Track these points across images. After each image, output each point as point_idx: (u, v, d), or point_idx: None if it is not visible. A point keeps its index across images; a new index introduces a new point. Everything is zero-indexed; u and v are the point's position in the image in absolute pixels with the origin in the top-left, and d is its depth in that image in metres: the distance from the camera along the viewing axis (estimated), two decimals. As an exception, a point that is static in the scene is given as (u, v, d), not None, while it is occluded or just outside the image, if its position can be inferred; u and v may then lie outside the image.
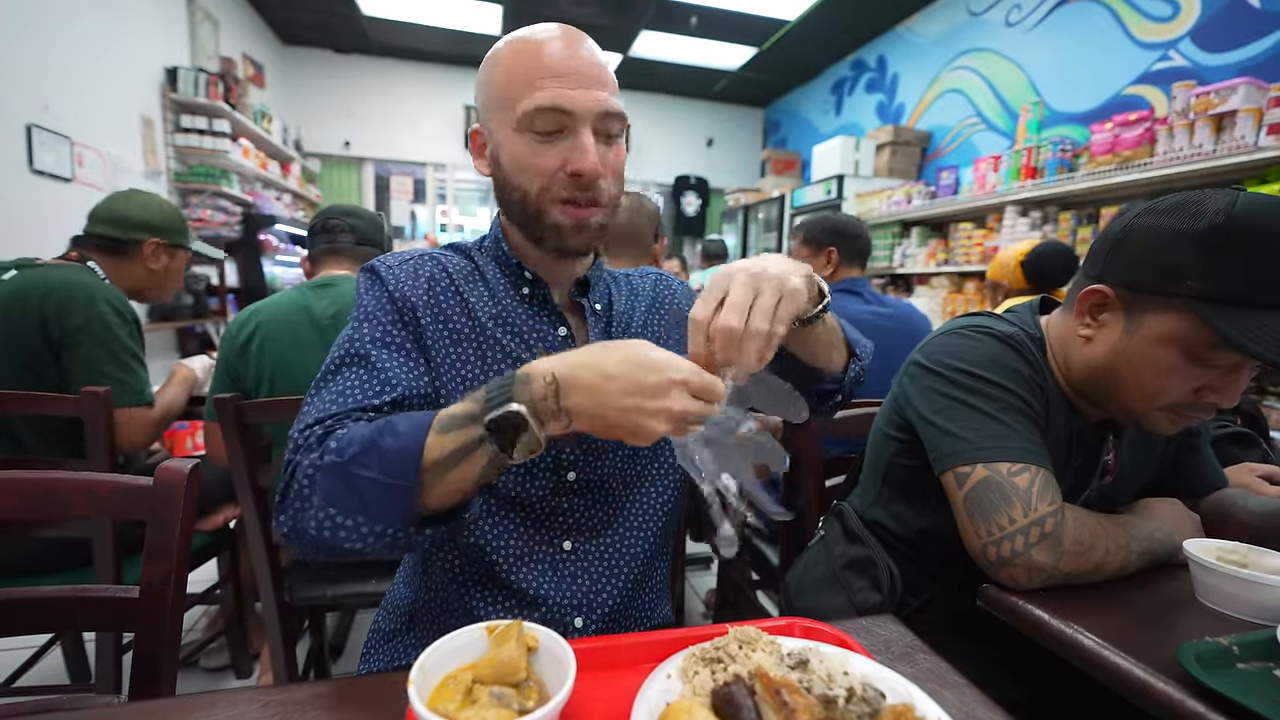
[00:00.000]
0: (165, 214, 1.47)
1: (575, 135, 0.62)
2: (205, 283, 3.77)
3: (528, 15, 4.87)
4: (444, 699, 0.41)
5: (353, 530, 0.52)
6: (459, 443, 0.51)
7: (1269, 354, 0.60)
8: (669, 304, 0.82)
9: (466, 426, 0.51)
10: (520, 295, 0.71)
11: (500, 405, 0.49)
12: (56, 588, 0.66)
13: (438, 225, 6.59)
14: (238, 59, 4.70)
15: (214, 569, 1.71)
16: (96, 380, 1.25)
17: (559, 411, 0.50)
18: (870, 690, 0.42)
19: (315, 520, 0.53)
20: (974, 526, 0.72)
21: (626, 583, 0.73)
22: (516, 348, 0.69)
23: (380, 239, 1.50)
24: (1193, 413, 0.73)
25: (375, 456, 0.52)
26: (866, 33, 5.03)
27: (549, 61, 0.62)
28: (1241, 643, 0.55)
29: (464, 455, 0.51)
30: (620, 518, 0.73)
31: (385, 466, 0.51)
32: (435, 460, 0.51)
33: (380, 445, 0.52)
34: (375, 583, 1.31)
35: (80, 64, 2.98)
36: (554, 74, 0.61)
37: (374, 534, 0.52)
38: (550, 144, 0.63)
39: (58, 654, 1.49)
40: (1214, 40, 2.72)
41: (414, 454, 0.51)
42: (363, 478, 0.51)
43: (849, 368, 0.76)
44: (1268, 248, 0.63)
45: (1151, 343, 0.70)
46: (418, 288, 0.68)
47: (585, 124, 0.62)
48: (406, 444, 0.51)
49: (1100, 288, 0.75)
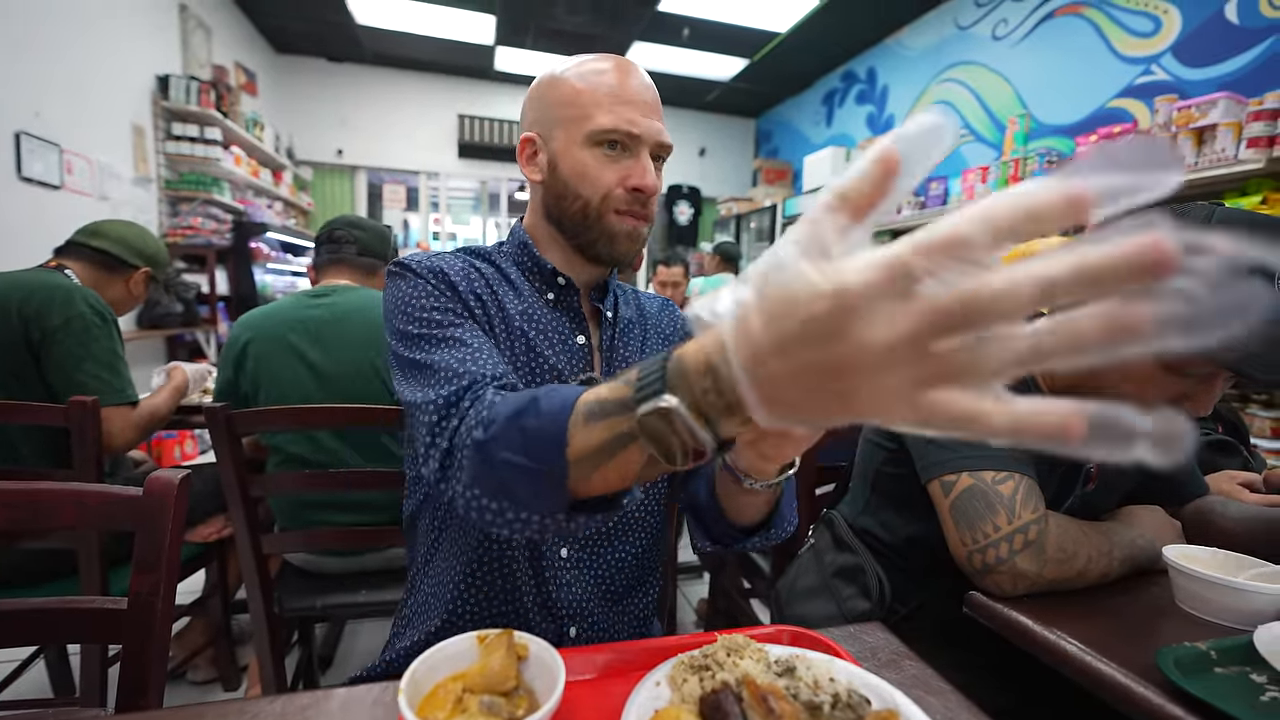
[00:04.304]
0: (160, 250, 1.57)
1: (637, 157, 0.69)
2: (195, 291, 3.74)
3: (521, 26, 4.90)
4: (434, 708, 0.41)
5: (498, 514, 0.48)
6: (610, 433, 0.41)
7: (1244, 366, 0.62)
8: (670, 334, 0.84)
9: (615, 416, 0.41)
10: (545, 300, 0.74)
11: (651, 395, 0.37)
12: (42, 599, 0.66)
13: (430, 233, 6.59)
14: (230, 67, 4.70)
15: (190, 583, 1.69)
16: (77, 380, 1.25)
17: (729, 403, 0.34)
18: (856, 696, 0.42)
19: (464, 499, 0.50)
20: (959, 534, 0.73)
21: (620, 590, 0.74)
22: (543, 346, 0.71)
23: (384, 250, 1.53)
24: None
25: (518, 437, 0.46)
26: (856, 45, 5.09)
27: (626, 89, 0.68)
28: (1219, 647, 0.57)
29: (619, 448, 0.41)
30: (618, 527, 0.74)
31: (529, 449, 0.45)
32: (587, 451, 0.43)
33: (524, 425, 0.46)
34: (366, 593, 1.30)
35: (70, 71, 2.97)
36: (628, 101, 0.68)
37: (520, 520, 0.48)
38: (615, 160, 0.69)
39: (41, 667, 1.47)
40: (1195, 55, 2.78)
41: (558, 439, 0.44)
42: (505, 461, 0.46)
43: (751, 537, 0.67)
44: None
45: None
46: (453, 271, 0.70)
47: (647, 148, 0.69)
48: (549, 426, 0.45)
49: None
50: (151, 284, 1.57)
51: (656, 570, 0.81)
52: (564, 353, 0.72)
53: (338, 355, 1.31)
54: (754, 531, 0.67)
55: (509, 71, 5.95)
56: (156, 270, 1.55)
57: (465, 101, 6.23)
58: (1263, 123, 2.14)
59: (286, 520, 1.36)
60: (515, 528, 0.48)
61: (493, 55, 5.55)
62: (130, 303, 1.55)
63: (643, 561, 0.77)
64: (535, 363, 0.70)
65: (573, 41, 5.04)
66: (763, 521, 0.66)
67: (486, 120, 6.22)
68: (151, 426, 1.41)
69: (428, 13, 4.71)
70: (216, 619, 1.61)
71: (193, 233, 3.85)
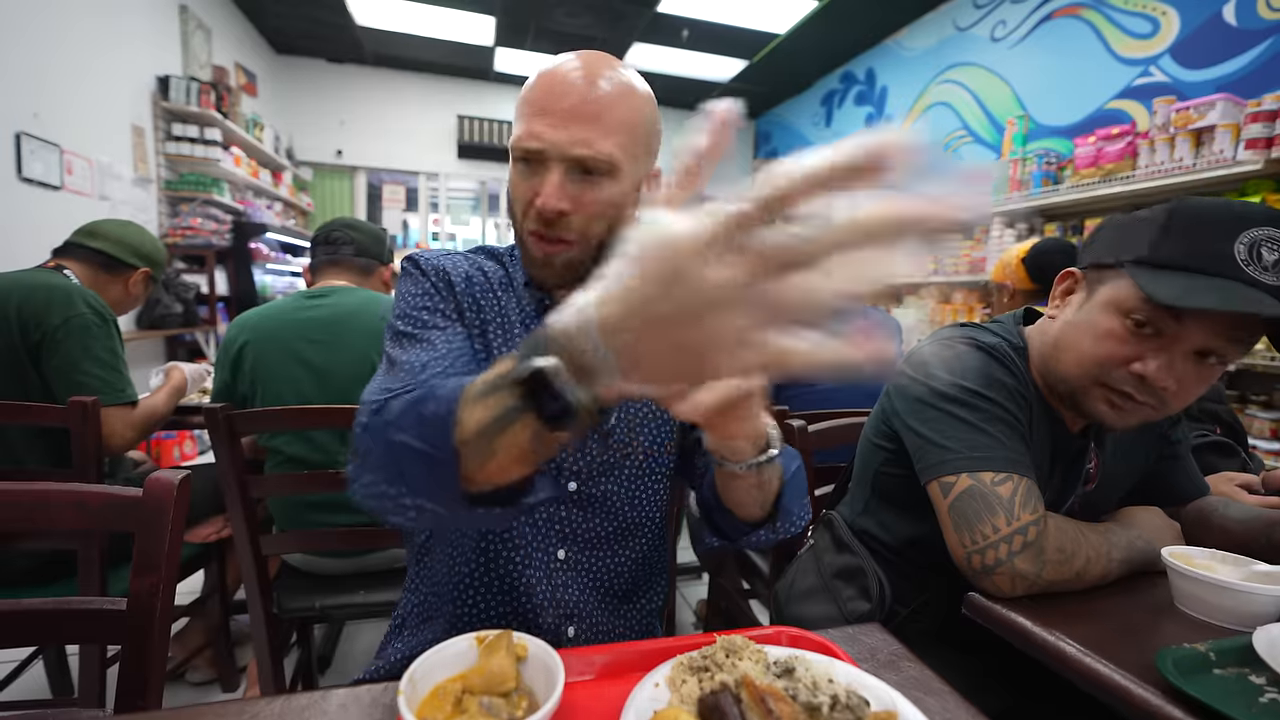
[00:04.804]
0: (158, 249, 1.57)
1: (544, 173, 0.63)
2: (195, 291, 3.74)
3: (521, 27, 4.90)
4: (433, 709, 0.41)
5: (395, 500, 0.48)
6: (496, 410, 0.41)
7: (1167, 299, 0.65)
8: None
9: (500, 390, 0.40)
10: (543, 308, 0.73)
11: (527, 359, 0.37)
12: (41, 600, 0.66)
13: (429, 234, 6.59)
14: (230, 68, 4.70)
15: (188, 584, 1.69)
16: (77, 380, 1.25)
17: (602, 361, 0.33)
18: (854, 697, 0.42)
19: (363, 484, 0.50)
20: (958, 535, 0.73)
21: (618, 594, 0.73)
22: None
23: (380, 251, 1.54)
24: (1129, 394, 0.73)
25: (414, 419, 0.46)
26: (855, 46, 5.10)
27: (543, 96, 0.62)
28: (1218, 649, 0.57)
29: (504, 425, 0.40)
30: (617, 532, 0.73)
31: (422, 431, 0.45)
32: (474, 430, 0.42)
33: (420, 409, 0.46)
34: (364, 594, 1.30)
35: (71, 72, 2.97)
36: (542, 110, 0.62)
37: (415, 507, 0.47)
38: (531, 175, 0.64)
39: (39, 668, 1.47)
40: (1193, 57, 2.79)
41: (447, 419, 0.43)
42: (398, 442, 0.46)
43: (757, 530, 0.67)
44: (1198, 225, 0.69)
45: (1096, 310, 0.75)
46: (456, 273, 0.70)
47: (556, 163, 0.62)
48: (440, 409, 0.44)
49: (1072, 270, 0.82)
50: (152, 283, 1.57)
51: (661, 576, 0.80)
52: None
53: (337, 356, 1.31)
54: (760, 525, 0.66)
55: (508, 73, 5.96)
56: (155, 270, 1.55)
57: (465, 102, 6.24)
58: (1261, 124, 2.14)
59: (285, 521, 1.36)
60: (410, 516, 0.48)
61: (492, 56, 5.56)
62: (130, 302, 1.55)
63: (644, 566, 0.77)
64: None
65: (572, 43, 5.05)
66: (768, 515, 0.65)
67: (486, 121, 6.22)
68: (150, 427, 1.41)
69: (428, 14, 4.72)
70: (215, 619, 1.61)
71: (192, 233, 3.85)
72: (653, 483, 0.75)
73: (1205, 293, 0.65)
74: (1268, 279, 0.65)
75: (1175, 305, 0.65)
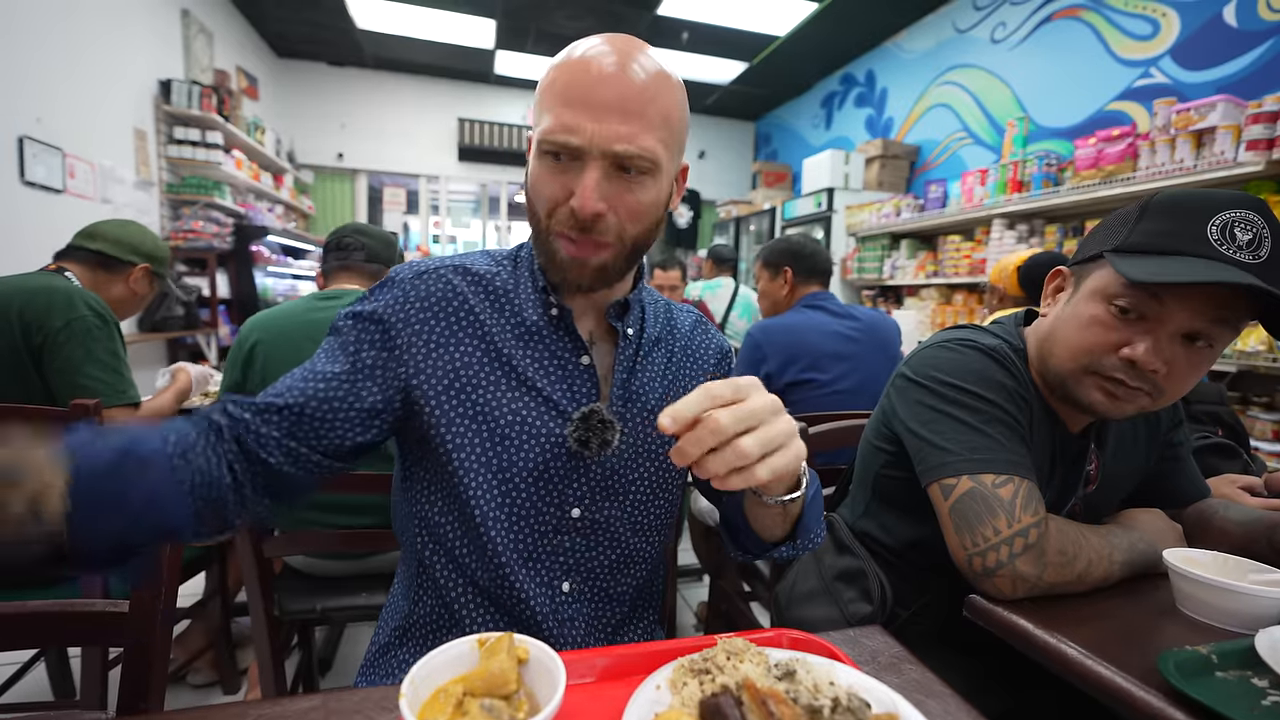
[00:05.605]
0: (158, 246, 1.57)
1: (581, 170, 0.57)
2: (196, 294, 3.75)
3: (521, 30, 4.91)
4: (435, 712, 0.41)
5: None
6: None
7: (1141, 276, 0.67)
8: (702, 356, 0.77)
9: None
10: (550, 316, 0.67)
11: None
12: (43, 602, 0.66)
13: (430, 236, 6.60)
14: (232, 72, 4.71)
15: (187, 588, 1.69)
16: (79, 382, 1.26)
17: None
18: (856, 700, 0.42)
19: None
20: (959, 538, 0.73)
21: (614, 624, 0.73)
22: (535, 374, 0.65)
23: (390, 256, 1.55)
24: (1121, 380, 0.73)
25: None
26: (855, 48, 5.10)
27: (578, 85, 0.56)
28: (1220, 651, 0.56)
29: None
30: (621, 561, 0.71)
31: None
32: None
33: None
34: (366, 596, 1.30)
35: (73, 76, 2.98)
36: (577, 101, 0.56)
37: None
38: (562, 172, 0.58)
39: (41, 670, 1.47)
40: (1193, 58, 2.79)
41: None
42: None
43: (778, 547, 0.67)
44: (1171, 213, 0.71)
45: (1081, 300, 0.77)
46: (411, 295, 0.64)
47: (593, 159, 0.57)
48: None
49: (1061, 269, 0.83)
50: (156, 280, 1.57)
51: (655, 609, 0.80)
52: (560, 379, 0.66)
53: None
54: (781, 543, 0.67)
55: (509, 75, 5.97)
56: (156, 266, 1.55)
57: (465, 105, 6.25)
58: (1262, 125, 2.14)
59: (287, 523, 1.36)
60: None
61: (493, 59, 5.57)
62: (135, 301, 1.55)
63: (644, 587, 0.76)
64: (522, 393, 0.64)
65: (573, 45, 5.05)
66: (788, 534, 0.66)
67: (486, 124, 6.24)
68: (152, 429, 1.41)
69: (428, 17, 4.73)
70: (216, 622, 1.61)
71: (194, 236, 3.86)
72: (656, 508, 0.73)
73: (1178, 268, 0.66)
74: (1242, 257, 0.66)
75: (1149, 281, 0.66)
